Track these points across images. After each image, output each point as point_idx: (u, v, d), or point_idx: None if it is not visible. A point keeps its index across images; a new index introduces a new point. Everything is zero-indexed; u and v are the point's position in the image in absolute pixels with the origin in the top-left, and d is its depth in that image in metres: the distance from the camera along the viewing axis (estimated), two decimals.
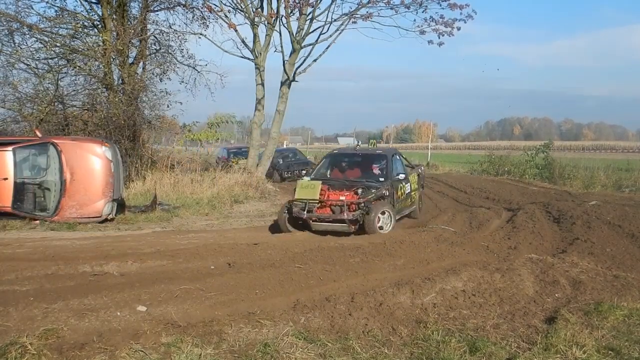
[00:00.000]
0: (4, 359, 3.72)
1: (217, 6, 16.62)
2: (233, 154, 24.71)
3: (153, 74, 17.33)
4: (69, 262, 6.52)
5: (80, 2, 16.71)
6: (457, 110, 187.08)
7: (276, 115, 17.59)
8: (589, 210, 10.37)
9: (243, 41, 16.86)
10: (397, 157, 11.58)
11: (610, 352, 4.22)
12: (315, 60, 16.88)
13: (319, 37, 16.42)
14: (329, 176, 10.86)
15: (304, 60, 16.76)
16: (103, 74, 15.83)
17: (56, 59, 15.76)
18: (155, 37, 17.52)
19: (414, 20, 21.02)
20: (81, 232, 9.29)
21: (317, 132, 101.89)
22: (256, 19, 16.73)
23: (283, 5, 16.07)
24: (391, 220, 9.68)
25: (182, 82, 17.94)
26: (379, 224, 9.45)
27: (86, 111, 15.95)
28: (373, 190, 9.86)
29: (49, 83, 15.33)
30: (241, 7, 16.76)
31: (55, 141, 10.25)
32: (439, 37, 16.07)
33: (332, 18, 16.26)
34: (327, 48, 16.70)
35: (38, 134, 10.95)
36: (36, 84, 15.21)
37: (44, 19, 15.71)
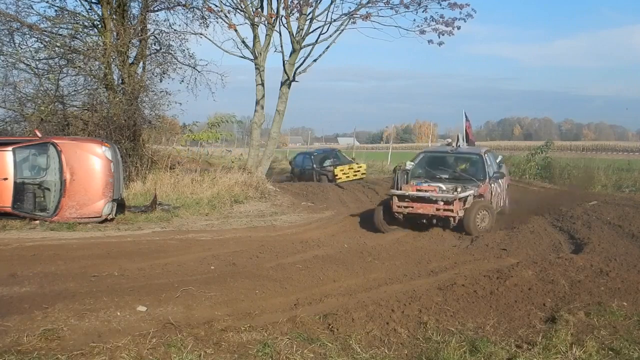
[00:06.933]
0: (4, 359, 3.72)
1: (217, 6, 16.64)
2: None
3: (153, 74, 17.28)
4: (69, 262, 6.52)
5: (80, 2, 16.65)
6: (457, 111, 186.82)
7: (276, 115, 17.59)
8: (589, 210, 10.38)
9: (243, 41, 16.87)
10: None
11: (610, 352, 4.22)
12: (315, 60, 16.89)
13: (318, 37, 16.43)
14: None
15: (304, 60, 16.75)
16: (103, 74, 15.81)
17: (56, 59, 15.71)
18: (155, 37, 17.47)
19: (414, 20, 20.87)
20: (81, 232, 9.29)
21: (317, 132, 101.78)
22: (256, 19, 16.73)
23: (283, 6, 16.06)
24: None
25: (183, 82, 17.90)
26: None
27: (86, 111, 15.91)
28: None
29: (49, 83, 15.31)
30: (241, 7, 16.77)
31: (55, 141, 10.24)
32: (439, 37, 16.04)
33: (331, 18, 16.26)
34: (327, 48, 16.64)
35: (38, 134, 10.94)
36: (37, 84, 15.19)
37: (44, 19, 15.69)
